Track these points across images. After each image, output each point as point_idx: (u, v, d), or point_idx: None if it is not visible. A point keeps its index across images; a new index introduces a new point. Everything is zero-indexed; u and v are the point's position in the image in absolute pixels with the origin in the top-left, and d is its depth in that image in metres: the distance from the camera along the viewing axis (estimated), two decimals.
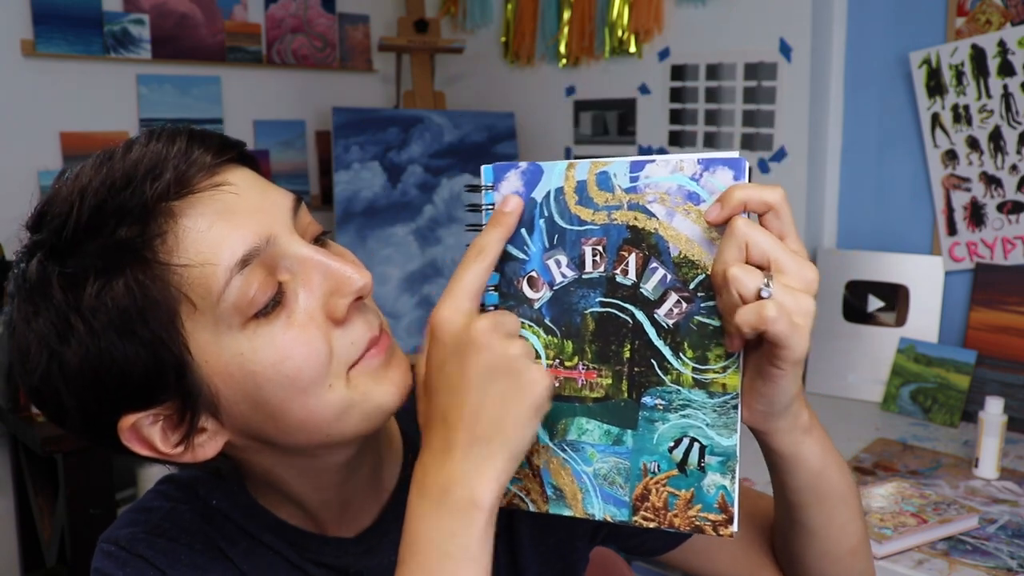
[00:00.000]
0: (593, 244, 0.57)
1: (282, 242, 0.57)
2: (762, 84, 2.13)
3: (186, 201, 0.56)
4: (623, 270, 0.56)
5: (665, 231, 0.55)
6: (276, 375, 0.57)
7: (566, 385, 0.58)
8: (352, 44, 2.90)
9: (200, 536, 0.67)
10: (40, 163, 2.27)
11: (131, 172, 0.55)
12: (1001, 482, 1.51)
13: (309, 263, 0.58)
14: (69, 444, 1.83)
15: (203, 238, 0.55)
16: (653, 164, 0.55)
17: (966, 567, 1.21)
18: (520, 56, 2.70)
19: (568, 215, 0.58)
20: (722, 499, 0.56)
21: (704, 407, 0.55)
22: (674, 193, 0.55)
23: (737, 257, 0.51)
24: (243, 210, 0.57)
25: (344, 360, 0.59)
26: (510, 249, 0.59)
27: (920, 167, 1.97)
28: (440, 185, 2.48)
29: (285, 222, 0.59)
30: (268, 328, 0.57)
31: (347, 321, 0.59)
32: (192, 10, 2.51)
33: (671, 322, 0.56)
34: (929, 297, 1.94)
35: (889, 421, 1.85)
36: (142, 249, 0.54)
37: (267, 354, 0.57)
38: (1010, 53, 1.78)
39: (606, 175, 0.57)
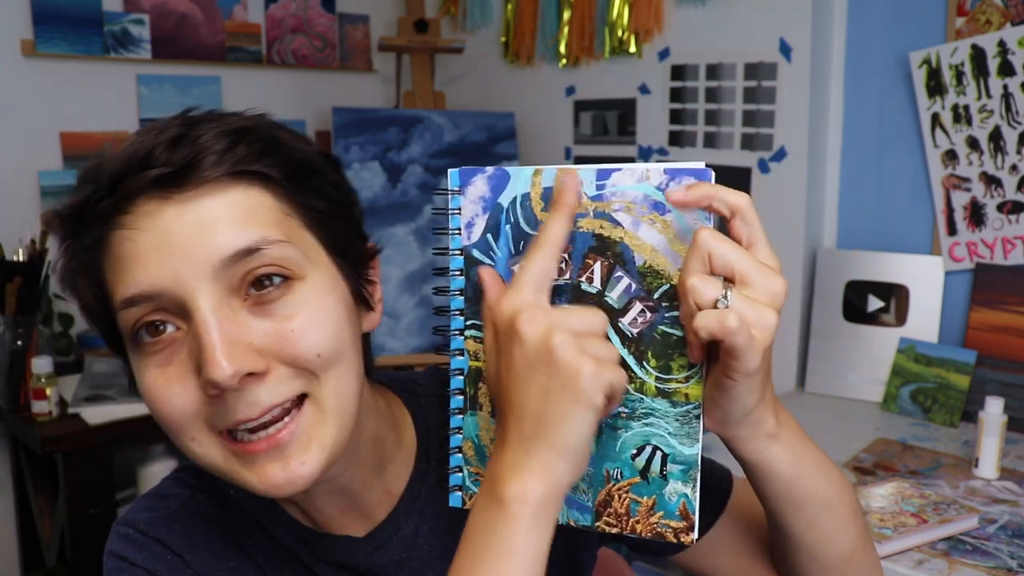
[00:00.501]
0: None
1: (188, 293, 0.55)
2: (762, 84, 2.13)
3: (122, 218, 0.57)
4: (588, 278, 0.56)
5: (631, 240, 0.55)
6: (148, 402, 0.59)
7: None
8: (352, 44, 2.90)
9: (217, 524, 0.68)
10: (40, 163, 2.27)
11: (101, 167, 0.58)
12: (1001, 482, 1.50)
13: (194, 326, 0.56)
14: (69, 444, 1.83)
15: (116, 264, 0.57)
16: (619, 172, 0.55)
17: (966, 567, 1.21)
18: (520, 56, 2.70)
19: (534, 221, 0.57)
20: (683, 507, 0.56)
21: (667, 416, 0.55)
22: (640, 202, 0.55)
23: (700, 268, 0.51)
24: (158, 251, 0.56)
25: (210, 423, 0.57)
26: (475, 254, 0.59)
27: (920, 167, 1.97)
28: (440, 185, 2.48)
29: (204, 272, 0.55)
30: (148, 360, 0.58)
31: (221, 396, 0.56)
32: (192, 10, 2.51)
33: (635, 331, 0.56)
34: (929, 297, 1.94)
35: (889, 421, 1.85)
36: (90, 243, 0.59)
37: (143, 382, 0.59)
38: (1010, 53, 1.78)
39: None
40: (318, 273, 0.60)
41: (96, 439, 1.87)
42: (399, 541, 0.69)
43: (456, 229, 0.59)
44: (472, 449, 0.60)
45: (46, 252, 1.99)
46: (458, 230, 0.59)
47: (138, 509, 0.69)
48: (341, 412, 0.60)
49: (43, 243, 1.99)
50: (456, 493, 0.61)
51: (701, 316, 0.50)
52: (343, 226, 0.64)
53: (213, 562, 0.66)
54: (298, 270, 0.58)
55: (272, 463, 0.57)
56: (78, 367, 2.20)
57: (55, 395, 1.88)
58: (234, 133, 0.58)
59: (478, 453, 0.60)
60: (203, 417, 0.57)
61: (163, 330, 0.56)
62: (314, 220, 0.61)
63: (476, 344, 0.59)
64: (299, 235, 0.60)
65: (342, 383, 0.60)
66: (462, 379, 0.60)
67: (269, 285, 0.57)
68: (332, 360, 0.59)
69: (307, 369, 0.58)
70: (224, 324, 0.55)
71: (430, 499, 0.71)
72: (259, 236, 0.57)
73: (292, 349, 0.57)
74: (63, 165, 2.30)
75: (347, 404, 0.60)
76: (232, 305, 0.56)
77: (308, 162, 0.62)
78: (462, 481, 0.61)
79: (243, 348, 0.55)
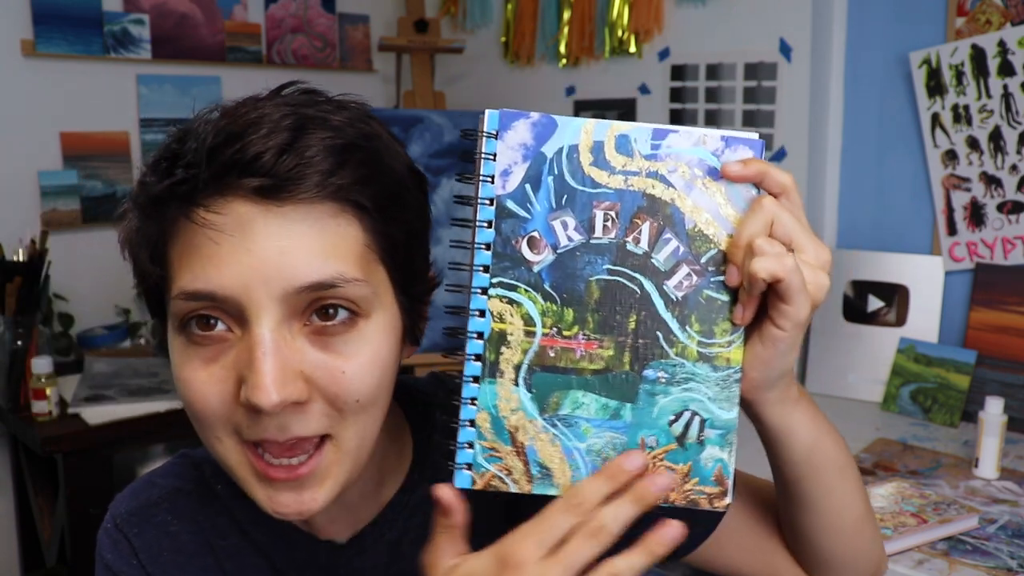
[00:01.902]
0: (605, 208, 0.55)
1: (252, 307, 0.54)
2: (762, 84, 2.13)
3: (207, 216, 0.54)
4: (635, 238, 0.55)
5: (682, 202, 0.55)
6: (179, 388, 0.58)
7: (562, 356, 0.55)
8: (352, 44, 2.90)
9: (192, 525, 0.69)
10: (40, 163, 2.27)
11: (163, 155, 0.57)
12: (1001, 482, 1.50)
13: (249, 342, 0.55)
14: (69, 444, 1.83)
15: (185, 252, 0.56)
16: (676, 134, 0.54)
17: (966, 567, 1.21)
18: (520, 56, 2.70)
19: (581, 175, 0.54)
20: (719, 471, 0.55)
21: (707, 381, 0.55)
22: (694, 165, 0.55)
23: (762, 231, 0.53)
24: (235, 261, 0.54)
25: (236, 430, 0.57)
26: (510, 205, 0.54)
27: (920, 167, 1.97)
28: (440, 185, 2.48)
29: (273, 294, 0.54)
30: (191, 350, 0.57)
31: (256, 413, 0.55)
32: (192, 10, 2.51)
33: (680, 294, 0.55)
34: (929, 297, 1.94)
35: (889, 421, 1.85)
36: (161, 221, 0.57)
37: (180, 372, 0.57)
38: (1010, 53, 1.78)
39: (626, 139, 0.55)
40: (383, 312, 0.59)
41: (96, 439, 1.87)
42: (382, 546, 0.69)
43: (488, 176, 0.55)
44: (488, 421, 0.55)
45: (46, 252, 1.99)
46: (491, 177, 0.55)
47: (126, 495, 0.71)
48: (359, 452, 0.60)
49: (43, 243, 1.99)
50: (464, 472, 0.55)
51: (761, 259, 0.51)
52: (414, 259, 0.63)
53: (175, 574, 0.68)
54: (366, 308, 0.57)
55: (287, 492, 0.58)
56: (78, 367, 2.20)
57: (55, 395, 1.88)
58: (342, 152, 0.55)
59: (495, 426, 0.55)
60: (232, 423, 0.57)
61: (214, 326, 0.56)
62: (390, 254, 0.60)
63: (501, 304, 0.54)
64: (374, 270, 0.59)
65: (367, 428, 0.60)
66: (481, 344, 0.55)
67: (334, 316, 0.56)
68: (367, 406, 0.58)
69: (340, 410, 0.57)
70: (280, 348, 0.54)
71: (418, 508, 0.70)
72: (338, 272, 0.55)
73: (337, 389, 0.56)
74: (63, 165, 2.30)
75: (366, 446, 0.60)
76: (292, 328, 0.56)
77: (401, 188, 0.60)
78: (472, 459, 0.55)
79: (293, 375, 0.55)
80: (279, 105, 0.57)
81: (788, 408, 0.61)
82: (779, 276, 0.51)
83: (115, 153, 2.38)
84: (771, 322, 0.55)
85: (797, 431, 0.62)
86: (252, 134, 0.54)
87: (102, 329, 2.34)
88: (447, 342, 0.56)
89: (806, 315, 0.54)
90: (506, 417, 0.55)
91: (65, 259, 2.21)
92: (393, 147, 0.61)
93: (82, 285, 2.30)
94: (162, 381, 2.09)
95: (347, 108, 0.59)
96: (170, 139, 0.57)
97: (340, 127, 0.56)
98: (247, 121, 0.54)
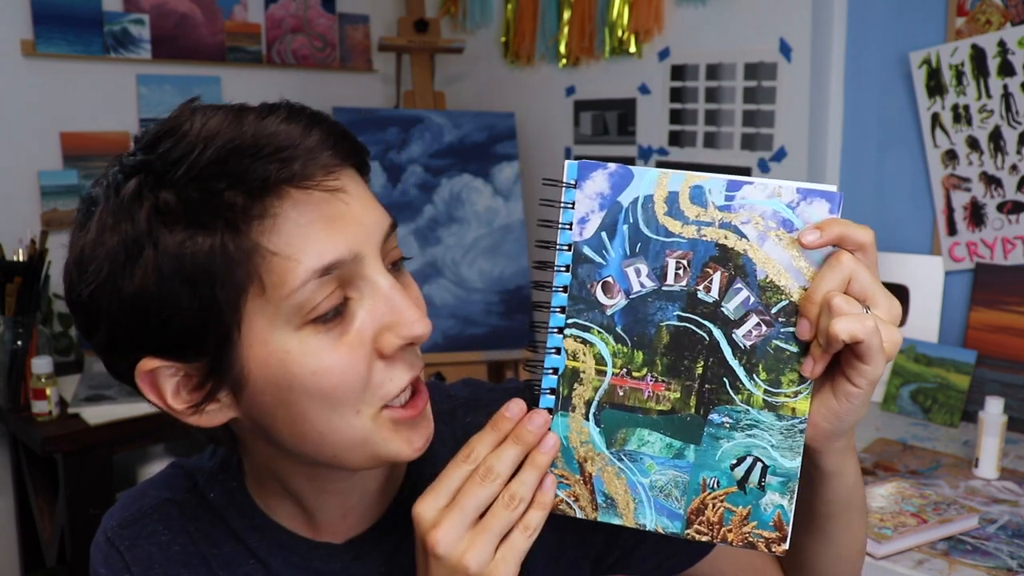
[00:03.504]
0: (678, 257, 0.57)
1: (366, 263, 0.57)
2: (762, 84, 2.13)
3: (301, 192, 0.55)
4: (706, 287, 0.57)
5: (754, 253, 0.56)
6: (312, 384, 0.56)
7: (631, 395, 0.58)
8: (352, 44, 2.90)
9: (183, 535, 0.69)
10: (40, 163, 2.27)
11: (261, 143, 0.55)
12: (1001, 482, 1.51)
13: (381, 292, 0.58)
14: (69, 444, 1.83)
15: (300, 233, 0.55)
16: (751, 186, 0.56)
17: (966, 567, 1.21)
18: (520, 56, 2.70)
19: (655, 224, 0.57)
20: (778, 518, 0.57)
21: (771, 429, 0.57)
22: (768, 217, 0.56)
23: (839, 287, 0.54)
24: (345, 220, 0.57)
25: (379, 394, 0.59)
26: (587, 251, 0.58)
27: (920, 167, 1.97)
28: (440, 185, 2.48)
29: (376, 243, 0.58)
30: (320, 337, 0.56)
31: (392, 359, 0.59)
32: (192, 10, 2.51)
33: (748, 343, 0.57)
34: (929, 297, 1.94)
35: (889, 421, 1.85)
36: (241, 220, 0.54)
37: (310, 361, 0.56)
38: (1010, 53, 1.78)
39: (701, 190, 0.57)
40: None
41: (96, 439, 1.87)
42: (379, 555, 0.69)
43: (567, 224, 0.58)
44: (560, 450, 0.59)
45: (46, 252, 1.99)
46: (569, 225, 0.58)
47: (118, 507, 0.71)
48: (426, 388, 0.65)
49: (43, 243, 1.99)
50: None
51: (842, 320, 0.52)
52: None
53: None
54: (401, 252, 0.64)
55: (419, 427, 0.62)
56: (78, 367, 2.20)
57: (55, 395, 1.88)
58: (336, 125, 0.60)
59: (566, 455, 0.59)
60: (371, 388, 0.58)
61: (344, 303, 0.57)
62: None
63: (575, 343, 0.58)
64: None
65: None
66: (556, 379, 0.59)
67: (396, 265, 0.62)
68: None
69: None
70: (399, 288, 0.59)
71: None
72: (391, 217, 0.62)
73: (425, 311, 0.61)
74: (63, 165, 2.30)
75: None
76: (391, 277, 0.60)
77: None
78: None
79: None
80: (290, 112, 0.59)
81: (847, 456, 0.63)
82: (860, 338, 0.52)
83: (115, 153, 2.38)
84: (845, 378, 0.56)
85: (846, 475, 0.64)
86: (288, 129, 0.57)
87: None
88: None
89: (881, 372, 0.55)
90: (576, 448, 0.59)
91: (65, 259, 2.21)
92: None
93: None
94: None
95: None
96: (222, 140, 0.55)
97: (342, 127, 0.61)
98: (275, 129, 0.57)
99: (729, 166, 2.22)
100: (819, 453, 0.61)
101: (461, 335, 2.39)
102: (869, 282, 0.54)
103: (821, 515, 0.67)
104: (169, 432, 2.00)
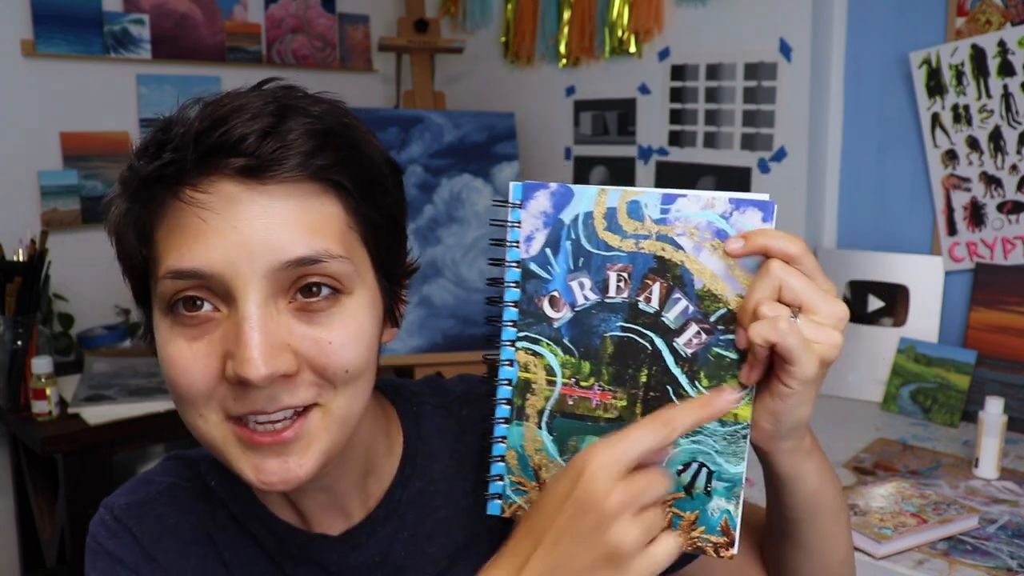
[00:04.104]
0: (618, 270, 0.59)
1: (238, 284, 0.56)
2: (762, 84, 2.13)
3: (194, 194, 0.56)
4: (646, 297, 0.58)
5: (691, 264, 0.57)
6: (166, 371, 0.59)
7: (580, 404, 0.60)
8: (352, 44, 2.90)
9: (191, 516, 0.70)
10: (40, 163, 2.27)
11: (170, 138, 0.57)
12: (1001, 482, 1.51)
13: (238, 318, 0.56)
14: (69, 444, 1.83)
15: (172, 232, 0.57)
16: (684, 199, 0.57)
17: (966, 567, 1.21)
18: (520, 56, 2.70)
19: (595, 240, 0.59)
20: (725, 523, 0.58)
21: (715, 435, 0.58)
22: (703, 228, 0.57)
23: (770, 296, 0.54)
24: (223, 236, 0.56)
25: (223, 406, 0.58)
26: (533, 268, 0.60)
27: (920, 167, 1.97)
28: (440, 185, 2.48)
29: (259, 270, 0.56)
30: (177, 332, 0.58)
31: (241, 388, 0.57)
32: (192, 10, 2.51)
33: (689, 351, 0.58)
34: (929, 297, 1.94)
35: (889, 421, 1.85)
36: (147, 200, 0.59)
37: (166, 350, 0.58)
38: (1010, 53, 1.78)
39: (637, 204, 0.58)
40: (364, 290, 0.61)
41: (96, 439, 1.87)
42: (375, 543, 0.69)
43: (514, 242, 0.60)
44: (515, 459, 0.61)
45: (46, 252, 1.99)
46: (516, 243, 0.60)
47: (122, 492, 0.72)
48: (346, 421, 0.61)
49: (43, 243, 1.99)
50: (495, 501, 0.62)
51: (757, 325, 0.53)
52: (393, 243, 0.65)
53: (177, 561, 0.68)
54: (348, 285, 0.60)
55: (272, 459, 0.58)
56: (78, 367, 2.20)
57: (55, 395, 1.88)
58: (322, 135, 0.58)
59: (521, 463, 0.61)
60: (217, 399, 0.58)
61: (200, 307, 0.57)
62: (370, 235, 0.62)
63: (526, 355, 0.60)
64: (356, 250, 0.61)
65: (356, 397, 0.61)
66: (510, 389, 0.61)
67: (318, 294, 0.58)
68: (356, 376, 0.60)
69: (330, 381, 0.59)
70: (267, 323, 0.56)
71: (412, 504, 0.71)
72: (323, 248, 0.57)
73: (325, 360, 0.58)
74: (63, 165, 2.30)
75: (353, 415, 0.62)
76: (278, 305, 0.57)
77: (379, 173, 0.63)
78: (503, 490, 0.62)
79: (280, 348, 0.56)
80: (261, 95, 0.59)
81: (800, 458, 0.62)
82: (772, 340, 0.53)
83: (115, 153, 2.38)
84: (778, 379, 0.56)
85: (805, 479, 0.64)
86: (236, 119, 0.56)
87: (102, 329, 2.34)
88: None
89: (811, 373, 0.55)
90: (531, 456, 0.61)
91: (65, 259, 2.21)
92: (369, 137, 0.64)
93: (82, 285, 2.30)
94: (162, 381, 2.08)
95: (325, 101, 0.62)
96: (156, 127, 0.59)
97: (320, 115, 0.59)
98: (232, 108, 0.57)
99: (729, 166, 2.22)
100: (769, 454, 0.61)
101: (461, 335, 2.39)
102: (801, 288, 0.55)
103: (790, 520, 0.67)
104: (169, 432, 2.00)
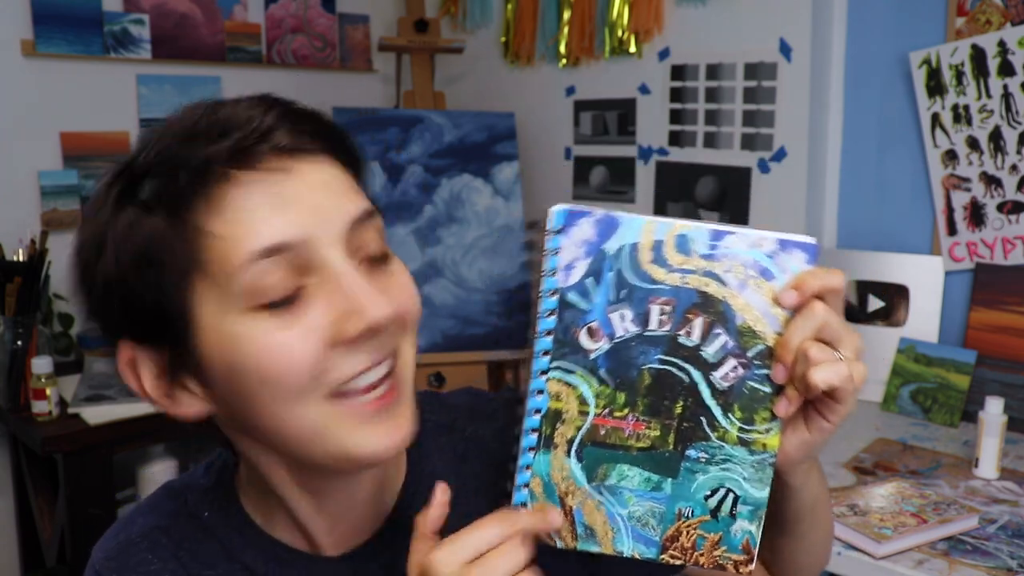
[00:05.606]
0: (661, 303, 0.59)
1: (321, 248, 0.56)
2: (762, 84, 2.13)
3: (247, 174, 0.55)
4: (687, 331, 0.59)
5: (734, 300, 0.59)
6: (256, 369, 0.56)
7: (612, 434, 0.60)
8: (352, 44, 2.90)
9: (172, 562, 0.67)
10: (40, 163, 2.27)
11: (211, 127, 0.56)
12: (1001, 482, 1.51)
13: (335, 278, 0.56)
14: (69, 444, 1.83)
15: (244, 215, 0.55)
16: (733, 236, 0.58)
17: (966, 567, 1.21)
18: (520, 56, 2.70)
19: (640, 272, 0.58)
20: (747, 542, 0.61)
21: (744, 463, 0.60)
22: (749, 266, 0.58)
23: (812, 336, 0.57)
24: (296, 204, 0.56)
25: (326, 381, 0.57)
26: (571, 297, 0.58)
27: (920, 167, 1.97)
28: (440, 185, 2.48)
29: (335, 230, 0.57)
30: (270, 322, 0.56)
31: (352, 347, 0.57)
32: (192, 10, 2.51)
33: (726, 384, 0.59)
34: (929, 297, 1.94)
35: (889, 421, 1.85)
36: (182, 203, 0.55)
37: (256, 346, 0.55)
38: (1010, 53, 1.78)
39: (685, 239, 0.58)
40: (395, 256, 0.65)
41: (96, 439, 1.87)
42: (378, 567, 0.68)
43: (552, 270, 0.58)
44: (540, 486, 0.61)
45: (46, 252, 1.99)
46: (554, 271, 0.58)
47: (106, 537, 0.70)
48: (411, 370, 0.63)
49: (43, 243, 1.99)
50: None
51: (820, 370, 0.55)
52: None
53: None
54: (387, 249, 0.63)
55: (384, 422, 0.59)
56: (78, 367, 2.20)
57: (55, 395, 1.88)
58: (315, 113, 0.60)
59: (547, 490, 0.61)
60: (320, 376, 0.56)
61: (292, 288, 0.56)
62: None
63: (558, 385, 0.60)
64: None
65: (413, 351, 0.63)
66: (539, 419, 0.60)
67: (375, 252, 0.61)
68: (416, 323, 0.63)
69: (406, 324, 0.61)
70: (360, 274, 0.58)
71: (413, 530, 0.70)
72: (368, 206, 0.60)
73: (408, 302, 0.61)
74: (63, 165, 2.30)
75: (413, 365, 0.64)
76: (353, 264, 0.59)
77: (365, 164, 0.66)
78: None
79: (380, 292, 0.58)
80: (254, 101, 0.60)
81: (808, 468, 0.67)
82: (837, 385, 0.56)
83: (115, 153, 2.38)
84: (820, 415, 0.60)
85: (811, 488, 0.68)
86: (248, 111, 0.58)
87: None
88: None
89: (853, 409, 0.59)
90: (557, 484, 0.61)
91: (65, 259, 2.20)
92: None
93: None
94: None
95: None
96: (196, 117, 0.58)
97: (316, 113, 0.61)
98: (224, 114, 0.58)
99: (729, 166, 2.22)
100: (786, 473, 0.65)
101: (461, 335, 2.39)
102: (837, 325, 0.57)
103: (790, 520, 0.71)
104: (169, 432, 2.00)
